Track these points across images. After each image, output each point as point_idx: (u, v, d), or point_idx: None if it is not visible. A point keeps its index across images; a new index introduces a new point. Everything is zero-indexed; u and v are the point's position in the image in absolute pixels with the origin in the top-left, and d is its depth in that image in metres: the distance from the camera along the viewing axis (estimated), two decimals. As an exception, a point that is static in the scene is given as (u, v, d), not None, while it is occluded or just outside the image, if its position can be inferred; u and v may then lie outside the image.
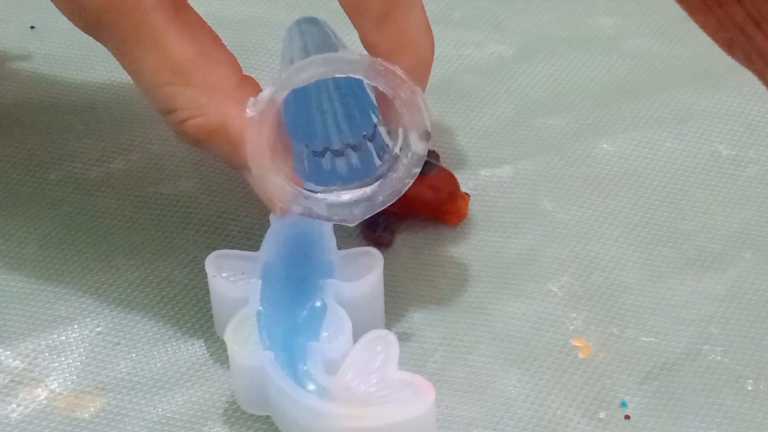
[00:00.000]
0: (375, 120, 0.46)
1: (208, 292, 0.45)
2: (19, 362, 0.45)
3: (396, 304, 0.46)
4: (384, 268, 0.44)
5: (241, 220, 0.50)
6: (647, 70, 0.57)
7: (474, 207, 0.50)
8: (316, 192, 0.44)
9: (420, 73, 0.43)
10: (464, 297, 0.47)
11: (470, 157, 0.53)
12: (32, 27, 0.59)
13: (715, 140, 0.53)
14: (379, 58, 0.42)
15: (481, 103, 0.56)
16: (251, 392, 0.42)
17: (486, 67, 0.58)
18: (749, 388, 0.43)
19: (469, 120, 0.55)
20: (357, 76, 0.42)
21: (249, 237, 0.49)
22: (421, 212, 0.50)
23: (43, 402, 0.44)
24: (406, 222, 0.50)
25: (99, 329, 0.46)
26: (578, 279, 0.47)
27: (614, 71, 0.57)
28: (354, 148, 0.46)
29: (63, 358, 0.45)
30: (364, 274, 0.44)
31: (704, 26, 0.60)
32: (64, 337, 0.46)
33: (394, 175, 0.43)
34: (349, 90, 0.47)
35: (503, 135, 0.54)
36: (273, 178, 0.42)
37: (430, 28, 0.44)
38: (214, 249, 0.45)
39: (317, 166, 0.45)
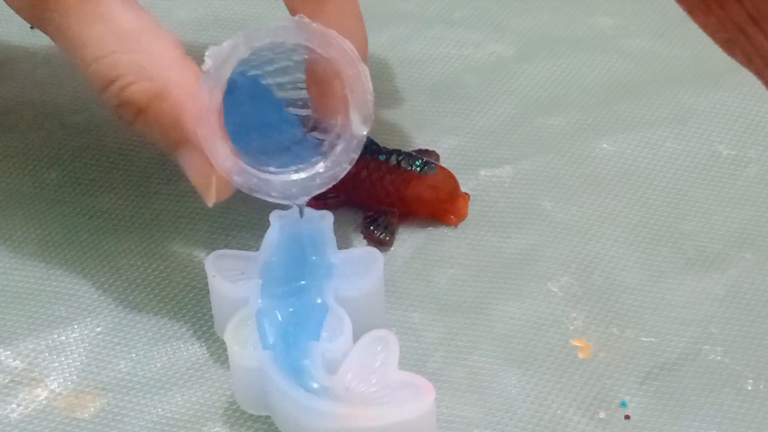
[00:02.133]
0: (306, 114, 0.46)
1: (208, 292, 0.45)
2: (19, 362, 0.45)
3: (396, 304, 0.46)
4: (384, 268, 0.44)
5: (241, 220, 0.50)
6: (647, 70, 0.57)
7: (474, 207, 0.50)
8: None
9: (359, 55, 0.43)
10: (464, 297, 0.47)
11: (470, 157, 0.53)
12: (32, 27, 0.59)
13: (715, 140, 0.53)
14: (332, 30, 0.42)
15: (481, 103, 0.56)
16: (251, 392, 0.42)
17: (486, 67, 0.58)
18: (749, 388, 0.43)
19: (469, 120, 0.55)
20: (310, 45, 0.42)
21: (249, 237, 0.49)
22: (421, 212, 0.50)
23: (43, 402, 0.44)
24: (406, 222, 0.50)
25: (99, 329, 0.46)
26: (578, 279, 0.47)
27: (614, 71, 0.57)
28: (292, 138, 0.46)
29: (63, 358, 0.45)
30: (364, 274, 0.44)
31: (704, 26, 0.60)
32: (64, 337, 0.46)
33: (332, 160, 0.43)
34: (283, 83, 0.47)
35: (503, 135, 0.54)
36: (219, 144, 0.42)
37: (362, 18, 0.45)
38: (214, 249, 0.45)
39: (249, 154, 0.44)
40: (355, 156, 0.43)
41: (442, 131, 0.54)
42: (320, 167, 0.43)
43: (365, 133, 0.43)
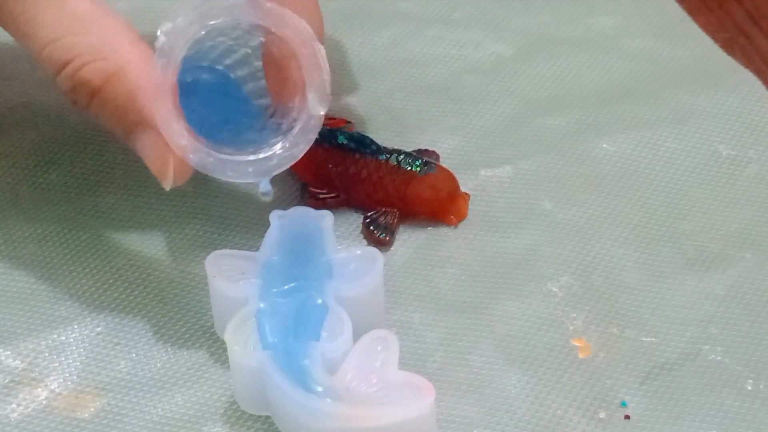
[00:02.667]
0: (266, 103, 0.45)
1: (208, 292, 0.45)
2: (19, 362, 0.45)
3: (396, 304, 0.46)
4: (384, 268, 0.44)
5: (241, 220, 0.50)
6: (647, 70, 0.57)
7: (474, 207, 0.50)
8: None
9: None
10: (464, 297, 0.47)
11: (470, 157, 0.53)
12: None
13: (715, 140, 0.53)
14: (287, 9, 0.42)
15: (481, 103, 0.56)
16: (251, 392, 0.42)
17: (486, 67, 0.58)
18: (749, 388, 0.43)
19: (469, 120, 0.55)
20: (265, 24, 0.42)
21: (249, 237, 0.49)
22: (421, 212, 0.50)
23: (43, 402, 0.44)
24: (406, 222, 0.50)
25: (99, 329, 0.46)
26: (578, 279, 0.47)
27: (614, 71, 0.57)
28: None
29: (63, 358, 0.45)
30: (364, 274, 0.44)
31: (704, 26, 0.60)
32: (64, 337, 0.46)
33: (290, 140, 0.43)
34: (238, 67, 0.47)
35: (503, 135, 0.54)
36: (174, 123, 0.41)
37: (318, 2, 0.45)
38: (214, 249, 0.45)
39: (210, 129, 0.44)
40: (313, 136, 0.42)
41: (442, 131, 0.54)
42: (278, 147, 0.43)
43: (322, 112, 0.42)
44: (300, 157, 0.43)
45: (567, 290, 0.47)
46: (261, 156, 0.42)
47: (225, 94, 0.46)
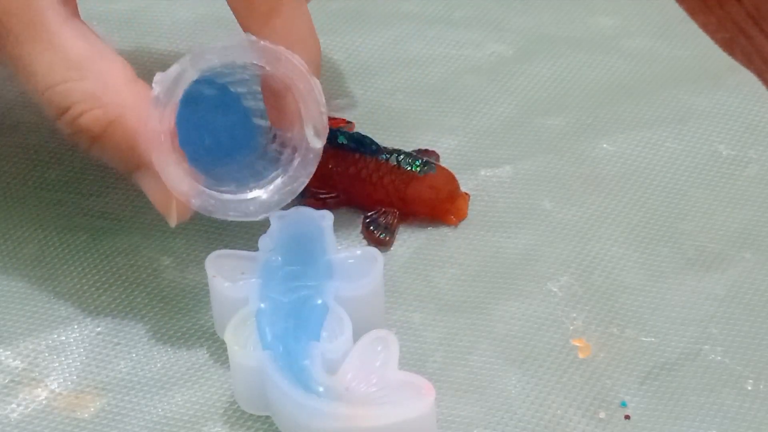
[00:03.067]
0: (266, 125, 0.46)
1: (208, 292, 0.45)
2: (19, 362, 0.45)
3: (396, 304, 0.46)
4: (384, 268, 0.44)
5: (241, 220, 0.50)
6: (647, 70, 0.57)
7: (474, 207, 0.50)
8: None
9: (311, 69, 0.43)
10: (464, 297, 0.47)
11: (470, 157, 0.53)
12: None
13: (715, 140, 0.53)
14: (281, 47, 0.42)
15: (481, 103, 0.56)
16: (251, 392, 0.42)
17: (486, 67, 0.58)
18: (749, 388, 0.43)
19: (469, 120, 0.55)
20: (259, 63, 0.42)
21: (249, 237, 0.49)
22: (421, 212, 0.50)
23: (43, 402, 0.44)
24: (406, 222, 0.50)
25: (99, 329, 0.46)
26: (578, 279, 0.47)
27: (614, 71, 0.57)
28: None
29: (63, 358, 0.45)
30: (364, 274, 0.44)
31: (704, 26, 0.60)
32: (64, 337, 0.46)
33: (289, 175, 0.43)
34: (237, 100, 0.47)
35: (503, 135, 0.54)
36: (174, 168, 0.42)
37: (315, 30, 0.45)
38: (214, 249, 0.45)
39: (210, 167, 0.45)
40: (312, 169, 0.43)
41: (442, 131, 0.54)
42: (278, 183, 0.43)
43: (320, 146, 0.43)
44: (300, 190, 0.43)
45: (567, 290, 0.47)
46: (262, 193, 0.43)
47: (225, 108, 0.46)
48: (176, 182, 0.42)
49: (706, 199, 0.51)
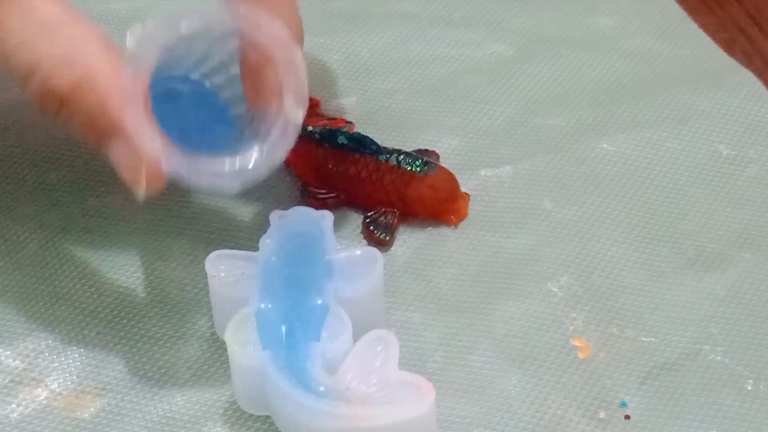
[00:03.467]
0: (244, 112, 0.45)
1: (208, 292, 0.45)
2: (19, 362, 0.45)
3: (396, 304, 0.46)
4: (384, 268, 0.44)
5: (241, 220, 0.50)
6: (647, 70, 0.57)
7: (474, 207, 0.50)
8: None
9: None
10: (464, 297, 0.47)
11: (470, 157, 0.53)
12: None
13: (715, 140, 0.53)
14: (261, 12, 0.41)
15: (481, 103, 0.56)
16: (251, 392, 0.42)
17: (486, 67, 0.58)
18: (749, 388, 0.43)
19: (469, 120, 0.55)
20: (238, 27, 0.41)
21: (249, 237, 0.49)
22: (421, 212, 0.50)
23: (43, 402, 0.44)
24: (406, 222, 0.50)
25: (99, 329, 0.46)
26: (578, 279, 0.47)
27: (614, 71, 0.57)
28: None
29: (63, 358, 0.45)
30: (364, 274, 0.44)
31: (704, 26, 0.60)
32: (64, 337, 0.46)
33: (267, 147, 0.41)
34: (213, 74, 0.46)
35: (503, 135, 0.54)
36: (146, 127, 0.40)
37: (297, 8, 0.44)
38: (214, 249, 0.45)
39: (186, 139, 0.43)
40: (292, 141, 0.41)
41: (442, 131, 0.54)
42: (256, 153, 0.41)
43: (300, 116, 0.41)
44: (279, 163, 0.42)
45: (567, 290, 0.47)
46: (238, 162, 0.41)
47: (201, 104, 0.45)
48: (148, 141, 0.40)
49: (706, 199, 0.51)
